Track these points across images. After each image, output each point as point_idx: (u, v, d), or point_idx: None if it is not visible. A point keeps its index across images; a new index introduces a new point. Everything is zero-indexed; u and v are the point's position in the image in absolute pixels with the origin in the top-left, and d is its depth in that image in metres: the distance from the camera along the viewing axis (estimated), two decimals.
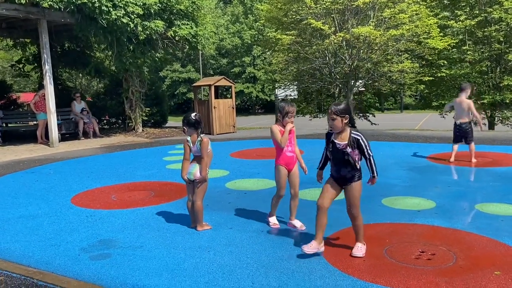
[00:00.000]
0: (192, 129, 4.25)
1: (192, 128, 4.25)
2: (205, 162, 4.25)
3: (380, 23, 15.49)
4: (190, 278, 3.27)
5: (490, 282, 3.04)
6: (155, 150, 10.89)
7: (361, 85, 17.49)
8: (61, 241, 4.21)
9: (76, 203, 5.69)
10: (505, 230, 4.10)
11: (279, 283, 3.15)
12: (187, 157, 4.35)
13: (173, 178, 7.10)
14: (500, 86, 16.30)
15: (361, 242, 3.66)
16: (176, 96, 41.77)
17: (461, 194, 5.55)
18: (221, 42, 39.01)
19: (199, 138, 4.24)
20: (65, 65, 17.00)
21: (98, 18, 11.06)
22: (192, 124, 4.24)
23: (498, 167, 7.18)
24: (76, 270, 3.51)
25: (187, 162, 4.35)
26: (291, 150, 4.31)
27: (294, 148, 4.34)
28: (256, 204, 5.34)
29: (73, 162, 9.17)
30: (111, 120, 17.06)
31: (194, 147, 4.27)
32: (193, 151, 4.31)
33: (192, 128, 4.25)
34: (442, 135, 11.76)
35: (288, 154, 4.28)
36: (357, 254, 3.57)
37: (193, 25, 13.43)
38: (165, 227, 4.55)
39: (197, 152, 4.28)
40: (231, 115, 14.70)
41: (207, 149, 4.24)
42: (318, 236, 3.56)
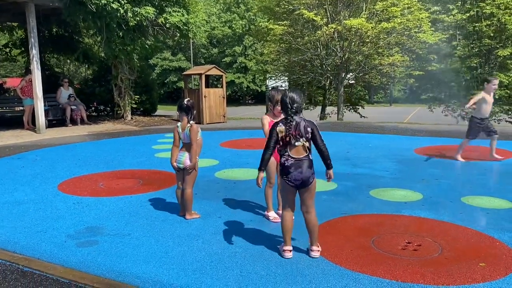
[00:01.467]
0: (183, 114, 4.24)
1: (183, 112, 4.24)
2: (194, 149, 4.22)
3: (372, 15, 15.50)
4: (178, 266, 3.26)
5: (475, 273, 3.09)
6: (144, 138, 10.81)
7: (351, 77, 17.53)
8: (47, 228, 4.16)
9: (63, 190, 5.62)
10: (490, 223, 4.17)
11: (267, 271, 3.16)
12: (176, 143, 4.34)
13: (162, 166, 7.06)
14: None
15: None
16: (166, 85, 41.39)
17: (447, 187, 5.61)
18: (212, 31, 38.68)
19: (189, 124, 4.21)
20: (53, 50, 16.70)
21: (87, 3, 10.86)
22: (184, 109, 4.23)
23: (485, 161, 7.28)
24: (62, 256, 3.48)
25: (176, 149, 4.34)
26: None
27: None
28: (245, 194, 5.34)
29: (60, 149, 9.05)
30: (100, 108, 16.84)
31: (183, 134, 4.24)
32: (182, 138, 4.29)
33: (183, 113, 4.24)
34: (430, 129, 11.88)
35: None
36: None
37: (185, 12, 13.25)
38: (153, 215, 4.53)
39: (186, 139, 4.25)
40: (221, 105, 14.63)
41: (196, 135, 4.21)
42: None
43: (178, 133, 4.30)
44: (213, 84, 17.39)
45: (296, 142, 3.29)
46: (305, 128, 3.28)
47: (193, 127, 4.20)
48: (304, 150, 3.31)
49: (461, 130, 11.46)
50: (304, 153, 3.31)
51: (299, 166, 3.30)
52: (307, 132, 3.28)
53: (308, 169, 3.32)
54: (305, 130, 3.27)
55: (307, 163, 3.32)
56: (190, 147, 4.24)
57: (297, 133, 3.28)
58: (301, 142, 3.28)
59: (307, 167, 3.31)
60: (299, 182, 3.32)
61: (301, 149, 3.31)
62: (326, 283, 2.98)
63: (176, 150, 4.33)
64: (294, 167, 3.31)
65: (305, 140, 3.29)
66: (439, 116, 18.28)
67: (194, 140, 4.21)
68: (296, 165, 3.31)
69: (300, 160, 3.31)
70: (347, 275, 3.10)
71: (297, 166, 3.31)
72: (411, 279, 3.01)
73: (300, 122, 3.30)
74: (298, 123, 3.29)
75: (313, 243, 3.45)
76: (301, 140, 3.28)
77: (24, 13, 10.96)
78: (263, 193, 5.28)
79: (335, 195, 5.22)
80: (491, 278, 3.02)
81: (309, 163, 3.33)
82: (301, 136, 3.28)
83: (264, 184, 4.15)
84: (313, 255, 3.41)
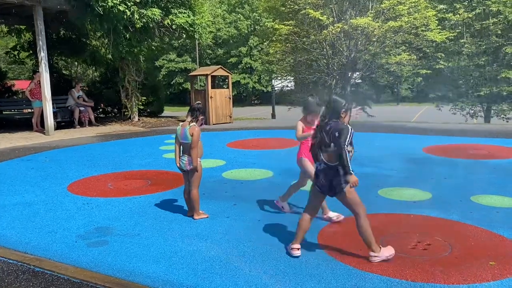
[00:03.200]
0: (189, 114, 4.29)
1: (189, 112, 4.30)
2: (194, 152, 4.23)
3: (378, 14, 15.43)
4: (187, 266, 3.28)
5: (485, 273, 3.07)
6: (151, 139, 10.86)
7: (358, 76, 17.46)
8: (58, 228, 4.20)
9: (73, 191, 5.67)
10: (500, 222, 4.13)
11: (276, 271, 3.16)
12: (178, 141, 4.38)
13: (169, 167, 7.09)
14: (497, 78, 16.34)
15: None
16: (172, 86, 41.57)
17: (456, 185, 5.58)
18: (218, 32, 38.75)
19: (190, 124, 4.22)
20: (61, 53, 16.81)
21: (94, 5, 10.93)
22: (191, 109, 4.30)
23: (494, 160, 7.22)
24: (73, 256, 3.51)
25: (178, 147, 4.38)
26: None
27: None
28: (253, 194, 5.35)
29: (69, 150, 9.13)
30: (107, 109, 16.96)
31: (182, 132, 4.26)
32: (180, 138, 4.30)
33: (189, 113, 4.29)
34: (439, 128, 11.80)
35: None
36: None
37: (190, 13, 13.29)
38: (162, 215, 4.55)
39: (184, 139, 4.26)
40: (227, 105, 14.65)
41: (198, 138, 4.21)
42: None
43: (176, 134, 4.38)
44: (219, 85, 17.43)
45: (328, 148, 3.24)
46: (333, 133, 3.19)
47: (195, 130, 4.20)
48: (335, 158, 3.22)
49: (469, 129, 11.40)
50: (335, 161, 3.22)
51: (327, 173, 3.26)
52: (334, 137, 3.19)
53: (337, 177, 3.22)
54: (333, 135, 3.19)
55: (337, 171, 3.22)
56: (189, 148, 4.24)
57: (328, 140, 3.22)
58: (332, 148, 3.21)
59: (336, 174, 3.22)
60: (325, 189, 3.30)
61: (332, 156, 3.23)
62: (335, 282, 2.98)
63: (178, 148, 4.38)
64: (323, 173, 3.27)
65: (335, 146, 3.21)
66: (447, 114, 18.17)
67: (196, 143, 4.21)
68: (325, 171, 3.27)
69: (330, 167, 3.24)
70: (357, 274, 3.10)
71: (326, 173, 3.26)
72: (421, 278, 3.00)
73: (333, 127, 3.21)
74: (331, 128, 3.23)
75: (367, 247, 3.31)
76: (332, 146, 3.21)
77: (31, 16, 11.07)
78: (269, 193, 5.33)
79: None
80: (501, 277, 3.01)
81: (341, 171, 3.22)
82: (331, 142, 3.21)
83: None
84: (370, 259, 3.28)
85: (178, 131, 4.32)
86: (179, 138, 4.32)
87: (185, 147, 4.29)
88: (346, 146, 3.14)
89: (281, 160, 7.57)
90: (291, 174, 6.39)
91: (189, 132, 4.20)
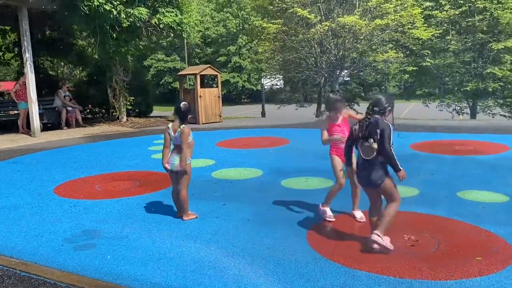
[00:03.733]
0: (177, 116, 4.24)
1: (176, 115, 4.24)
2: (184, 153, 4.19)
3: (365, 12, 15.52)
4: (176, 267, 3.26)
5: (472, 268, 3.11)
6: (140, 139, 10.78)
7: (346, 74, 17.56)
8: (44, 232, 4.15)
9: (59, 193, 5.60)
10: (486, 217, 4.19)
11: (265, 271, 3.16)
12: (167, 145, 4.34)
13: (158, 167, 7.02)
14: (483, 74, 16.56)
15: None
16: (161, 86, 41.30)
17: (443, 181, 5.63)
18: (206, 31, 38.60)
19: (180, 128, 4.19)
20: (47, 53, 16.60)
21: (80, 5, 10.79)
22: (177, 112, 4.23)
23: (480, 155, 7.31)
24: (60, 260, 3.47)
25: (167, 150, 4.33)
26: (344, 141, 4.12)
27: None
28: (243, 194, 5.34)
29: (56, 152, 9.01)
30: (95, 110, 16.78)
31: (174, 135, 4.23)
32: (173, 140, 4.27)
33: (177, 116, 4.24)
34: (426, 124, 11.92)
35: (341, 146, 4.06)
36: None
37: (178, 12, 13.21)
38: (150, 217, 4.52)
39: (177, 141, 4.22)
40: (217, 105, 14.60)
41: (187, 139, 4.19)
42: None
43: (169, 134, 4.29)
44: (208, 84, 17.33)
45: (364, 142, 3.32)
46: (376, 129, 3.27)
47: (184, 130, 4.17)
48: (372, 151, 3.30)
49: (455, 125, 11.53)
50: (372, 154, 3.31)
51: (365, 167, 3.35)
52: (376, 133, 3.26)
53: (375, 171, 3.30)
54: (375, 131, 3.26)
55: (375, 165, 3.31)
56: (181, 149, 4.22)
57: (366, 134, 3.30)
58: (369, 143, 3.29)
59: (374, 169, 3.30)
60: (364, 183, 3.39)
61: (369, 150, 3.32)
62: (324, 281, 2.99)
63: (167, 152, 4.32)
64: (362, 168, 3.37)
65: (374, 142, 3.28)
66: (434, 111, 18.36)
67: (185, 143, 4.19)
68: (363, 166, 3.36)
69: (368, 161, 3.34)
70: (345, 272, 3.11)
71: (364, 167, 3.36)
72: (409, 274, 3.03)
73: (373, 123, 3.29)
74: (370, 124, 3.30)
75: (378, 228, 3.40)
76: (369, 141, 3.29)
77: (16, 16, 10.89)
78: (259, 192, 5.33)
79: None
80: (488, 272, 3.04)
81: (378, 165, 3.31)
82: (370, 137, 3.28)
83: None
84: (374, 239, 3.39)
85: (171, 134, 4.27)
86: (173, 141, 4.27)
87: (178, 148, 4.25)
88: (391, 145, 3.25)
89: (271, 159, 7.57)
90: (281, 173, 6.41)
91: (180, 133, 4.18)
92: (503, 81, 16.05)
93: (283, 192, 5.35)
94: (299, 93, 20.25)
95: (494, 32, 16.30)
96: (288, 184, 5.73)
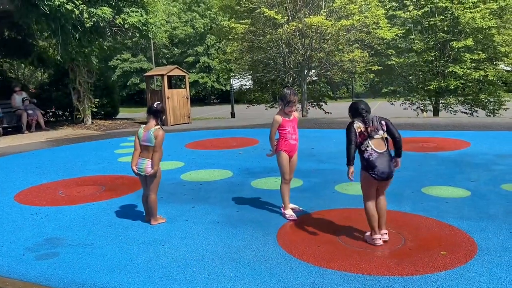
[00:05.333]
0: (151, 117, 4.16)
1: (151, 116, 4.16)
2: (157, 157, 4.10)
3: (331, 13, 15.76)
4: (143, 274, 3.18)
5: (437, 262, 3.19)
6: (106, 142, 10.51)
7: (314, 74, 17.76)
8: (4, 241, 3.96)
9: (20, 201, 5.37)
10: (450, 212, 4.32)
11: (235, 273, 3.13)
12: (137, 147, 4.21)
13: (125, 171, 6.88)
14: (445, 73, 17.14)
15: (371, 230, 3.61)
16: (128, 87, 40.45)
17: (408, 178, 5.77)
18: (173, 31, 38.12)
19: (156, 127, 4.10)
20: (6, 55, 15.94)
21: (39, 4, 10.40)
22: (152, 112, 4.15)
23: (442, 152, 7.56)
24: (21, 270, 3.32)
25: (137, 153, 4.20)
26: (295, 138, 4.33)
27: (297, 136, 4.36)
28: (212, 195, 5.29)
29: (16, 157, 8.65)
30: (58, 112, 16.24)
31: (145, 134, 4.12)
32: (142, 140, 4.15)
33: (151, 116, 4.16)
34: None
35: (291, 142, 4.30)
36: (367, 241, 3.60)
37: (143, 12, 12.97)
38: (117, 222, 4.40)
39: (147, 141, 4.10)
40: (185, 106, 14.45)
41: (161, 142, 4.10)
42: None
43: (138, 136, 4.19)
44: (176, 85, 17.12)
45: (375, 135, 3.47)
46: (379, 122, 3.52)
47: (159, 133, 4.08)
48: (384, 143, 3.49)
49: (419, 123, 11.88)
50: (384, 147, 3.48)
51: (384, 160, 3.46)
52: (382, 125, 3.52)
53: (391, 163, 3.50)
54: (380, 123, 3.52)
55: (389, 156, 3.50)
56: (151, 151, 4.10)
57: (374, 127, 3.48)
58: (380, 135, 3.48)
59: (390, 160, 3.51)
60: (385, 176, 3.46)
61: (381, 142, 3.49)
62: (294, 281, 2.99)
63: (136, 154, 4.21)
64: (380, 161, 3.45)
65: (383, 133, 3.51)
66: (399, 109, 18.85)
67: (159, 146, 4.10)
68: (381, 159, 3.46)
69: (383, 154, 3.47)
70: (315, 271, 3.12)
71: (382, 160, 3.45)
72: (377, 271, 3.07)
73: (373, 118, 3.53)
74: (372, 119, 3.51)
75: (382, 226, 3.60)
76: (380, 133, 3.48)
77: None
78: (229, 194, 5.28)
79: (301, 192, 5.25)
80: (452, 266, 3.13)
81: (391, 157, 3.54)
82: (378, 130, 3.48)
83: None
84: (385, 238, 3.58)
85: (140, 134, 4.16)
86: (141, 141, 4.16)
87: (147, 150, 4.14)
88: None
89: (241, 159, 7.55)
90: (251, 173, 6.40)
91: (153, 135, 4.07)
92: (464, 79, 16.67)
93: (253, 193, 5.34)
94: (268, 93, 20.31)
95: (455, 32, 16.90)
96: (258, 185, 5.72)
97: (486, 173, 5.91)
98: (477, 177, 5.67)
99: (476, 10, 15.57)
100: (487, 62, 16.78)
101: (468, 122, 11.87)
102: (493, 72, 16.30)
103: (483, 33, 16.09)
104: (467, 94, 17.37)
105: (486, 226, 3.88)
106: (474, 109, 17.63)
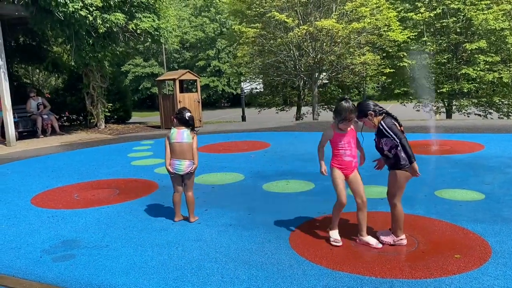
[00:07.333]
0: (183, 125, 4.38)
1: (183, 125, 4.38)
2: (196, 156, 4.36)
3: (342, 16, 15.74)
4: (158, 275, 3.22)
5: (451, 265, 3.17)
6: (119, 146, 10.63)
7: (325, 77, 17.74)
8: (21, 244, 4.05)
9: (37, 204, 5.47)
10: (463, 215, 4.29)
11: (249, 275, 3.16)
12: (168, 149, 4.41)
13: (138, 174, 6.96)
14: (458, 75, 16.97)
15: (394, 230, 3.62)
16: (139, 91, 40.85)
17: (421, 181, 5.71)
18: (184, 35, 38.42)
19: (191, 132, 4.37)
20: (21, 61, 16.26)
21: (54, 11, 10.60)
22: (184, 121, 4.36)
23: (455, 155, 7.49)
24: (38, 272, 3.39)
25: (169, 154, 4.39)
26: (350, 154, 3.70)
27: (354, 152, 3.75)
28: (224, 198, 5.33)
29: (32, 161, 8.81)
30: (72, 117, 16.49)
31: (179, 133, 4.32)
32: (175, 139, 4.32)
33: (183, 125, 4.38)
34: (404, 125, 12.10)
35: (345, 159, 3.68)
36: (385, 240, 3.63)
37: (155, 18, 13.12)
38: (131, 225, 4.46)
39: (184, 139, 4.30)
40: (197, 109, 14.54)
41: (196, 143, 4.41)
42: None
43: (169, 138, 4.37)
44: (187, 89, 17.24)
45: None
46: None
47: (196, 136, 4.42)
48: None
49: (432, 125, 11.77)
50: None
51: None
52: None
53: None
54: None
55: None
56: (186, 151, 4.30)
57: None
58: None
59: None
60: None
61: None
62: (307, 283, 3.00)
63: (169, 155, 4.38)
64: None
65: None
66: (412, 111, 18.71)
67: (196, 148, 4.38)
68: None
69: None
70: (327, 274, 3.13)
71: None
72: (390, 274, 3.07)
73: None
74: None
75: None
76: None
77: None
78: (241, 197, 5.31)
79: (313, 195, 5.27)
80: (466, 269, 3.11)
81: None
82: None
83: None
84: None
85: (173, 134, 4.35)
86: (175, 140, 4.33)
87: (183, 149, 4.31)
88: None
89: (252, 162, 7.58)
90: (262, 176, 6.42)
91: (190, 135, 4.34)
92: (477, 82, 16.49)
93: (264, 196, 5.36)
94: (279, 96, 20.35)
95: (467, 33, 16.75)
96: (269, 188, 5.75)
97: (500, 175, 5.85)
98: (491, 180, 5.61)
99: (489, 12, 15.41)
100: (501, 64, 16.58)
101: (482, 125, 11.73)
102: (507, 74, 16.09)
103: (496, 35, 15.92)
104: (481, 96, 17.17)
105: (501, 229, 3.85)
106: (488, 111, 17.42)
